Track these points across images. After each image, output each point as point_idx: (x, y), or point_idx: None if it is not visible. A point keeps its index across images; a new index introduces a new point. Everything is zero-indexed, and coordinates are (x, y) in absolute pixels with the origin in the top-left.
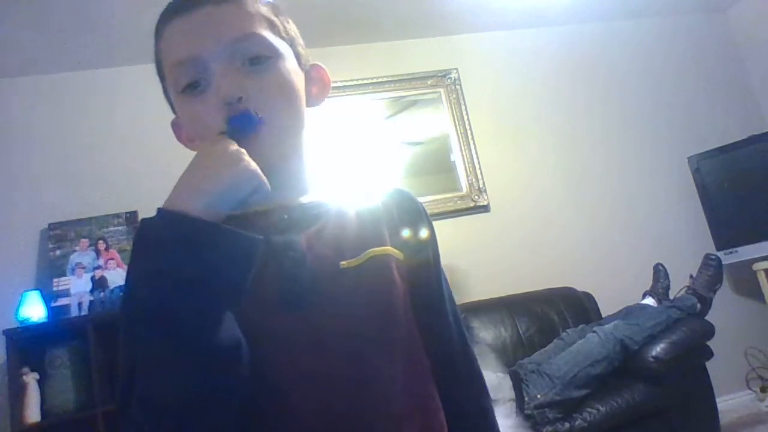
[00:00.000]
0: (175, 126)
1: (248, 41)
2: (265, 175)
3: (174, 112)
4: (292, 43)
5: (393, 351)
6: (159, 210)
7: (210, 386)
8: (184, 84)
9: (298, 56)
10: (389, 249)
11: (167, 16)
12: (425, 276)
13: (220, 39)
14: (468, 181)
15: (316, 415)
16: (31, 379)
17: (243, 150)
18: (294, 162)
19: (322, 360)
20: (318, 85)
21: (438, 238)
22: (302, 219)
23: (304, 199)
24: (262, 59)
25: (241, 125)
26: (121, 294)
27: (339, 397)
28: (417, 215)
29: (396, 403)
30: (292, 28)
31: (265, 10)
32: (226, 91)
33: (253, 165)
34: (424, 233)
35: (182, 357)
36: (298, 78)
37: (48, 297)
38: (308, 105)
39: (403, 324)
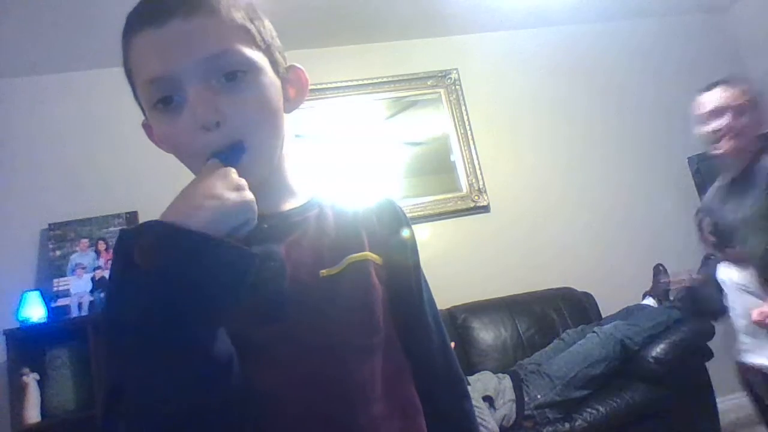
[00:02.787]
0: (146, 127)
1: (223, 58)
2: (250, 190)
3: (144, 114)
4: (268, 50)
5: (373, 355)
6: (153, 224)
7: (201, 399)
8: (156, 99)
9: (275, 64)
10: (368, 254)
11: (137, 25)
12: (405, 280)
13: (194, 56)
14: (468, 181)
15: (298, 421)
16: (31, 379)
17: (243, 180)
18: (275, 174)
19: (303, 368)
20: (296, 86)
21: (437, 238)
22: (282, 228)
23: (285, 207)
24: (238, 74)
25: (226, 158)
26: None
27: (321, 403)
28: (396, 220)
29: (376, 405)
30: (268, 32)
31: (239, 17)
32: (203, 116)
33: (251, 196)
34: (403, 237)
35: (176, 369)
36: (275, 89)
37: (48, 297)
38: (286, 110)
39: (382, 329)
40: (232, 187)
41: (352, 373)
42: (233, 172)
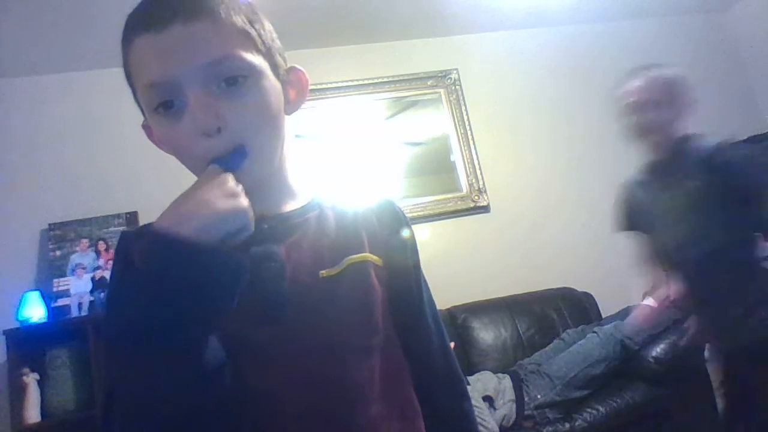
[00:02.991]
0: (146, 128)
1: (223, 63)
2: (249, 193)
3: (144, 115)
4: (268, 53)
5: (372, 356)
6: (149, 229)
7: (190, 403)
8: (156, 103)
9: (275, 67)
10: (368, 255)
11: (137, 28)
12: (404, 280)
13: (194, 62)
14: (468, 181)
15: (297, 421)
16: (31, 379)
17: (240, 187)
18: (275, 175)
19: (302, 369)
20: (296, 88)
21: (437, 238)
22: (283, 229)
23: (285, 208)
24: (238, 79)
25: (228, 164)
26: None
27: (320, 403)
28: (396, 220)
29: (375, 406)
30: (269, 35)
31: (240, 21)
32: (203, 122)
33: (246, 203)
34: (403, 238)
35: (166, 376)
36: (276, 93)
37: (48, 297)
38: (286, 112)
39: (381, 330)
40: (226, 195)
41: (351, 374)
42: (230, 179)
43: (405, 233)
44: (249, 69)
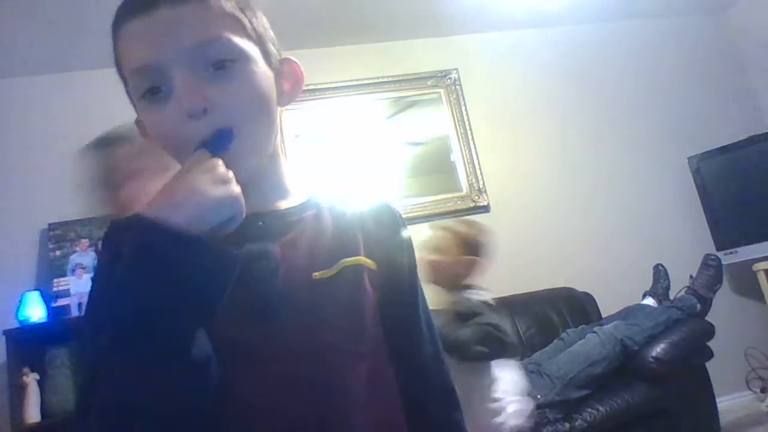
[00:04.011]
0: (140, 124)
1: (211, 46)
2: (244, 188)
3: (135, 110)
4: (260, 41)
5: (360, 362)
6: (138, 217)
7: (176, 401)
8: (143, 90)
9: (267, 54)
10: (362, 259)
11: (124, 15)
12: (399, 284)
13: (181, 44)
14: (468, 181)
15: (281, 425)
16: (31, 379)
17: (231, 172)
18: (269, 168)
19: (288, 372)
20: (290, 80)
21: None
22: (278, 226)
23: (281, 205)
24: (226, 63)
25: (214, 147)
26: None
27: (304, 409)
28: (394, 224)
29: (360, 415)
30: (261, 23)
31: (229, 6)
32: (189, 103)
33: (238, 190)
34: (400, 242)
35: (150, 370)
36: (267, 80)
37: (48, 297)
38: (280, 104)
39: (371, 335)
40: (217, 181)
41: (338, 379)
42: (220, 165)
43: (402, 237)
44: (238, 53)
